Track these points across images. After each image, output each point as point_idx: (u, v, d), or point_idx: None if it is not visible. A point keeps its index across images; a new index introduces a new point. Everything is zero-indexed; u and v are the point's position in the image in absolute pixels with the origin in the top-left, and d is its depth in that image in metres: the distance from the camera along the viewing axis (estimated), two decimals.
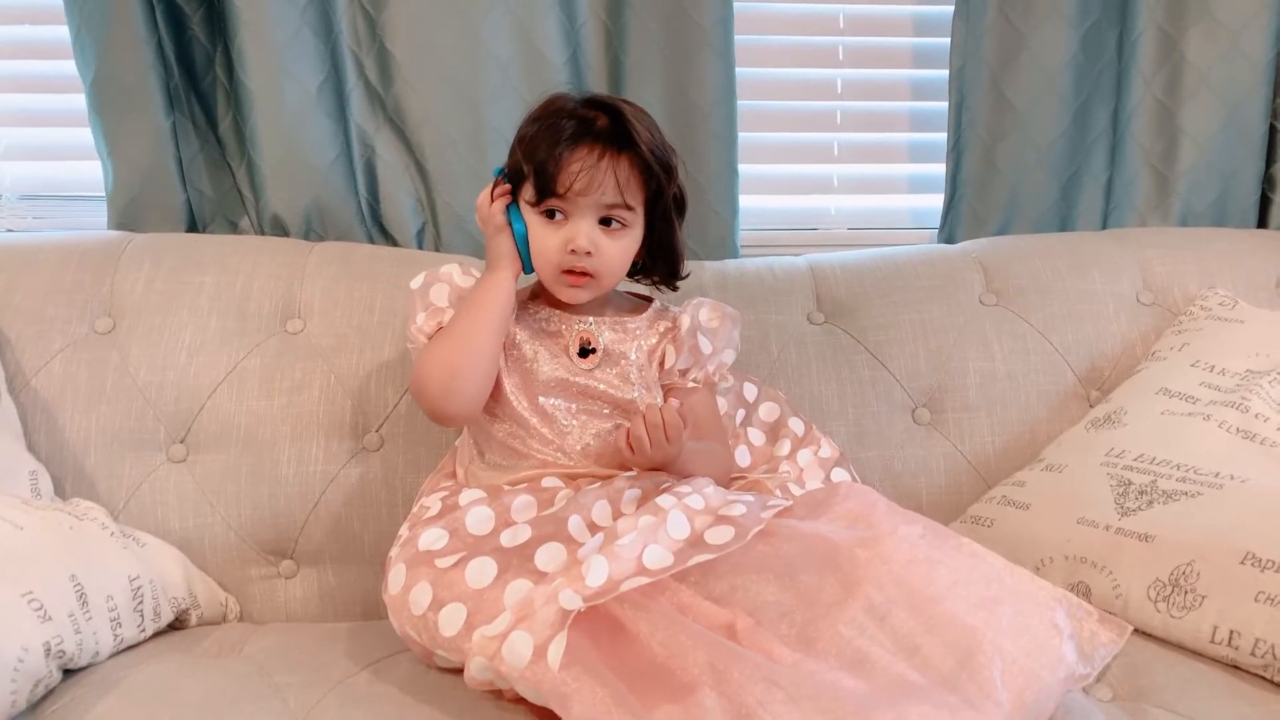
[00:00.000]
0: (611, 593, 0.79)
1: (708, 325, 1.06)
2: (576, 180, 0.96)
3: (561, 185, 0.96)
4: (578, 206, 0.97)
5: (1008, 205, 1.43)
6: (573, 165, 0.96)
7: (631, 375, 1.03)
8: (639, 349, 1.04)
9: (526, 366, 1.01)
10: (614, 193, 0.97)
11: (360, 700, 0.86)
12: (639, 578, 0.80)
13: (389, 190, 1.35)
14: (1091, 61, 1.40)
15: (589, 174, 0.96)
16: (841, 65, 1.48)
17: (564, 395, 1.00)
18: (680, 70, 1.34)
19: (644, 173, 0.98)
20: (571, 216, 0.98)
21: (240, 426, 1.14)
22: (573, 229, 0.98)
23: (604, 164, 0.96)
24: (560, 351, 1.02)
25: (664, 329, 1.07)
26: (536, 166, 0.97)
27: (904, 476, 1.20)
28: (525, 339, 1.02)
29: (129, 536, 1.03)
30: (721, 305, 1.09)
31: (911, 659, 0.77)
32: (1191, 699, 0.84)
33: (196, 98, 1.32)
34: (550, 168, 0.96)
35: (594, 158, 0.96)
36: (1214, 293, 1.27)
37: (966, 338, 1.26)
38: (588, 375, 1.01)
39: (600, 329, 1.03)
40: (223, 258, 1.23)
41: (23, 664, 0.80)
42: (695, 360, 1.06)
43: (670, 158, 1.00)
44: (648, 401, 1.01)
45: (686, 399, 1.03)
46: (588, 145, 0.96)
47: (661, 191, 1.00)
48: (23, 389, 1.13)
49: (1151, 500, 0.99)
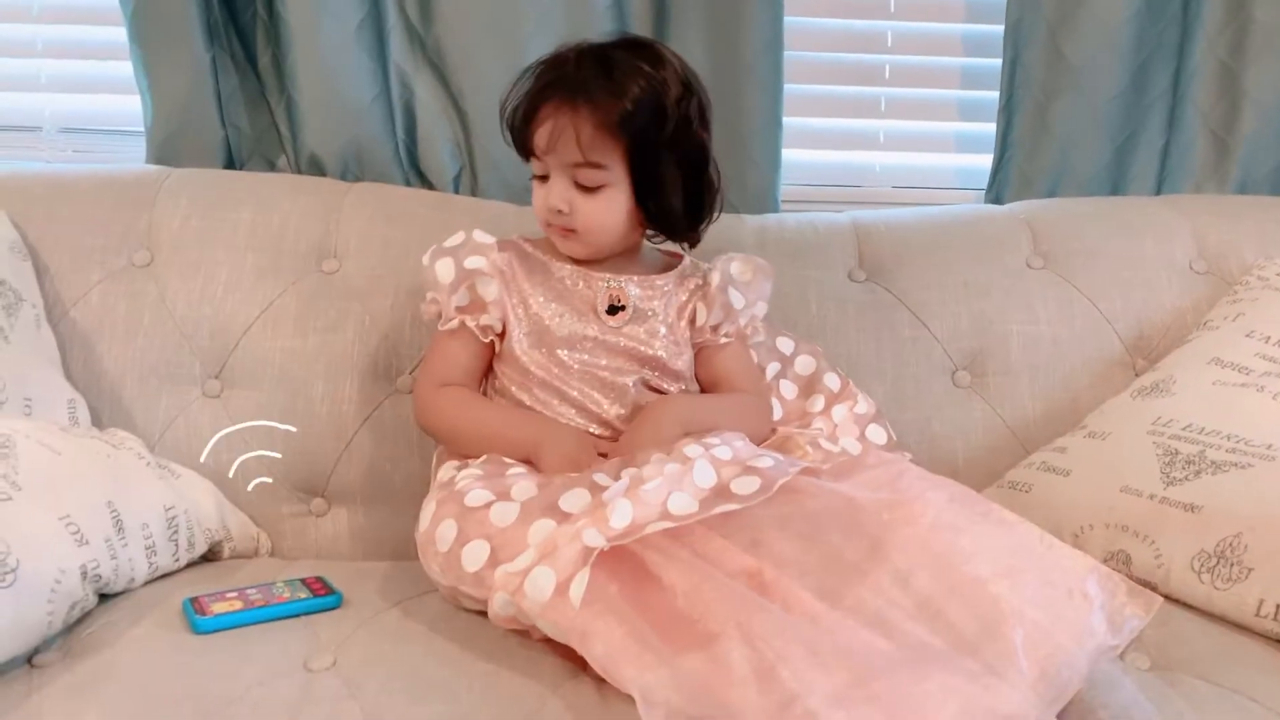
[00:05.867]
0: (635, 534, 0.78)
1: (740, 279, 1.04)
2: (536, 137, 0.94)
3: (528, 145, 0.95)
4: (551, 166, 0.96)
5: (1058, 167, 1.39)
6: (535, 124, 0.94)
7: (660, 331, 1.01)
8: (668, 306, 1.03)
9: (545, 325, 1.00)
10: (574, 152, 0.93)
11: (389, 635, 0.86)
12: (663, 522, 0.79)
13: (427, 132, 1.33)
14: (1154, 19, 1.35)
15: (546, 132, 0.93)
16: (893, 16, 1.44)
17: (589, 352, 0.99)
18: (726, 16, 1.30)
19: (618, 127, 0.93)
20: (551, 176, 0.97)
21: (274, 364, 1.14)
22: (548, 188, 0.96)
23: (562, 122, 0.93)
24: (587, 310, 1.01)
25: (694, 286, 1.05)
26: (509, 127, 0.96)
27: (941, 439, 1.18)
28: (541, 301, 1.00)
29: (164, 467, 1.03)
30: (753, 258, 1.06)
31: (934, 624, 0.75)
32: (1233, 671, 0.82)
33: (236, 32, 1.31)
34: (518, 126, 0.95)
35: (560, 118, 0.93)
36: (1272, 263, 1.23)
37: (1011, 300, 1.23)
38: (616, 332, 1.00)
39: (628, 286, 1.02)
40: (260, 195, 1.22)
41: (60, 585, 0.81)
42: (727, 315, 1.04)
43: (662, 103, 0.93)
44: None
45: (717, 354, 1.01)
46: (553, 102, 0.93)
47: (646, 145, 0.94)
48: (61, 319, 1.13)
49: (1199, 470, 0.97)
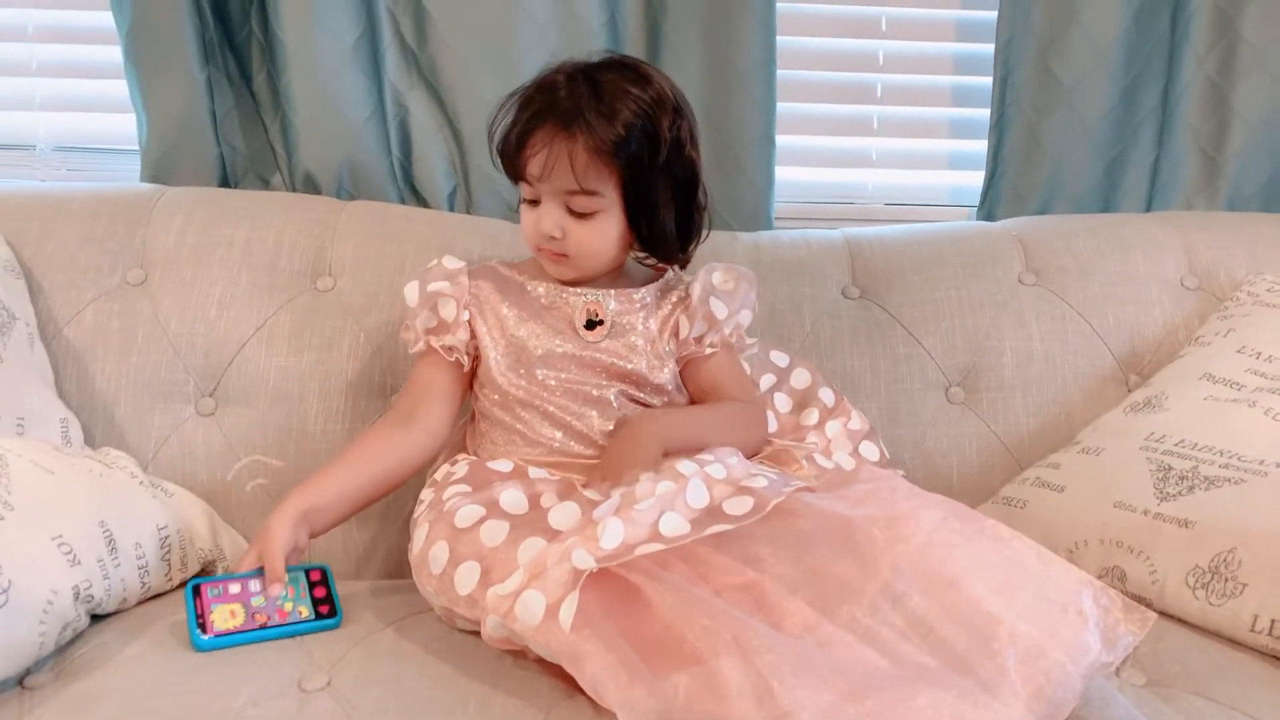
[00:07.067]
0: (625, 556, 0.77)
1: (722, 288, 1.04)
2: (530, 165, 0.94)
3: (519, 171, 0.95)
4: (543, 192, 0.96)
5: (1049, 184, 1.40)
6: (527, 150, 0.94)
7: (639, 345, 1.01)
8: (648, 319, 1.02)
9: (523, 345, 1.00)
10: (569, 179, 0.94)
11: (384, 655, 0.86)
12: (654, 544, 0.78)
13: (422, 150, 1.33)
14: (1144, 38, 1.36)
15: (540, 160, 0.93)
16: (885, 36, 1.45)
17: (568, 369, 0.99)
18: (720, 35, 1.31)
19: (612, 154, 0.93)
20: (542, 201, 0.97)
21: (269, 382, 1.14)
22: (540, 213, 0.97)
23: (557, 149, 0.93)
24: (564, 326, 1.01)
25: (677, 299, 1.05)
26: (500, 151, 0.97)
27: (935, 455, 1.19)
28: (517, 322, 1.01)
29: (157, 486, 1.03)
30: (735, 267, 1.06)
31: (926, 642, 0.75)
32: (1229, 687, 0.83)
33: (232, 51, 1.31)
34: (510, 152, 0.95)
35: (553, 144, 0.93)
36: (1262, 278, 1.24)
37: (1004, 317, 1.23)
38: (594, 347, 1.00)
39: (606, 300, 1.01)
40: (255, 213, 1.22)
41: (52, 606, 0.80)
42: (710, 325, 1.03)
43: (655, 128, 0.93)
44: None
45: (704, 364, 1.01)
46: (546, 129, 0.93)
47: (640, 170, 0.95)
48: (55, 337, 1.13)
49: (1192, 486, 0.97)
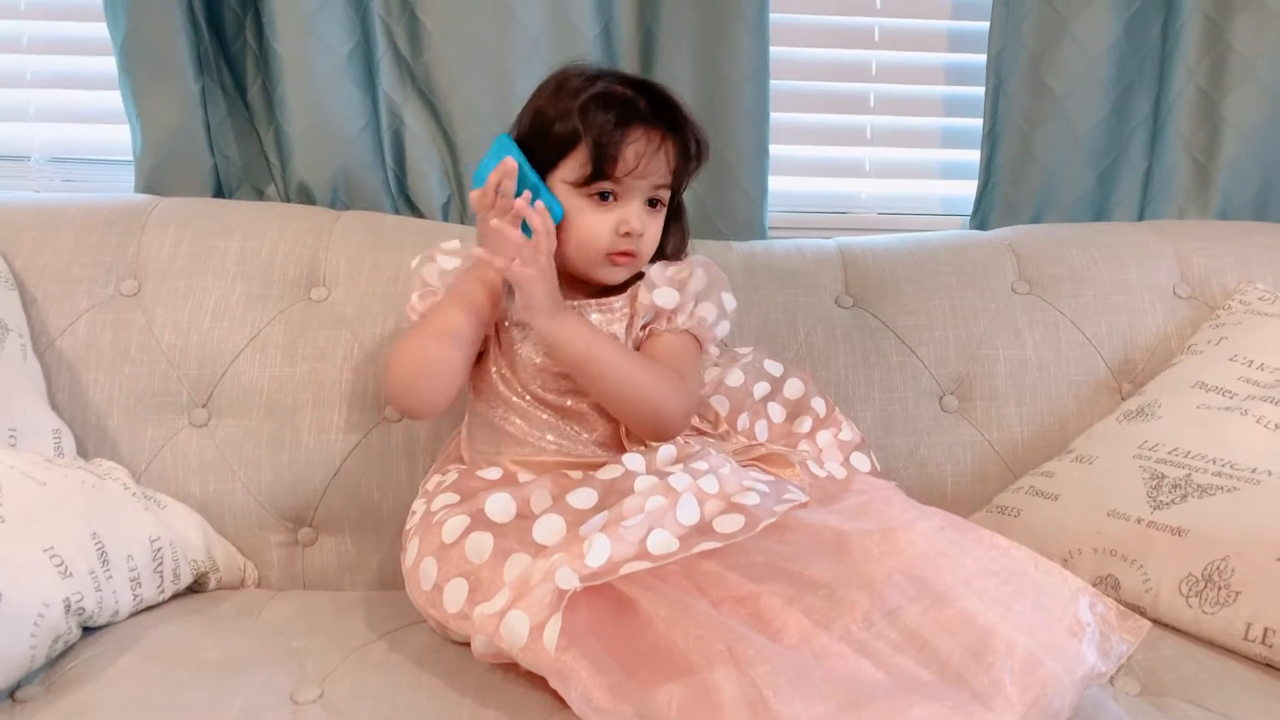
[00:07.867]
0: (610, 574, 0.77)
1: (675, 276, 1.01)
2: (637, 163, 0.95)
3: (621, 168, 0.94)
4: (630, 189, 0.96)
5: (1042, 194, 1.41)
6: (630, 148, 0.95)
7: None
8: (624, 326, 1.02)
9: (515, 353, 0.99)
10: (665, 174, 0.98)
11: (377, 668, 0.86)
12: (641, 561, 0.78)
13: (416, 161, 1.34)
14: (1135, 48, 1.37)
15: (649, 157, 0.95)
16: (877, 47, 1.46)
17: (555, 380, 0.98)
18: (713, 45, 1.32)
19: (685, 155, 0.99)
20: (622, 198, 0.97)
21: (262, 392, 1.14)
22: (625, 211, 0.96)
23: (661, 147, 0.96)
24: None
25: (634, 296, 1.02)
26: (593, 148, 0.94)
27: (929, 464, 1.19)
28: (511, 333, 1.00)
29: (150, 498, 1.02)
30: (692, 259, 1.04)
31: (920, 655, 0.74)
32: (1222, 695, 0.83)
33: (226, 62, 1.31)
34: (611, 150, 0.94)
35: (652, 141, 0.96)
36: (1254, 287, 1.24)
37: (997, 325, 1.23)
38: None
39: (590, 312, 1.01)
40: (248, 223, 1.22)
41: (43, 619, 0.80)
42: (657, 315, 1.01)
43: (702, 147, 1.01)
44: None
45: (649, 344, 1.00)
46: (643, 127, 0.96)
47: (688, 175, 1.01)
48: (47, 348, 1.12)
49: (1185, 494, 0.97)
